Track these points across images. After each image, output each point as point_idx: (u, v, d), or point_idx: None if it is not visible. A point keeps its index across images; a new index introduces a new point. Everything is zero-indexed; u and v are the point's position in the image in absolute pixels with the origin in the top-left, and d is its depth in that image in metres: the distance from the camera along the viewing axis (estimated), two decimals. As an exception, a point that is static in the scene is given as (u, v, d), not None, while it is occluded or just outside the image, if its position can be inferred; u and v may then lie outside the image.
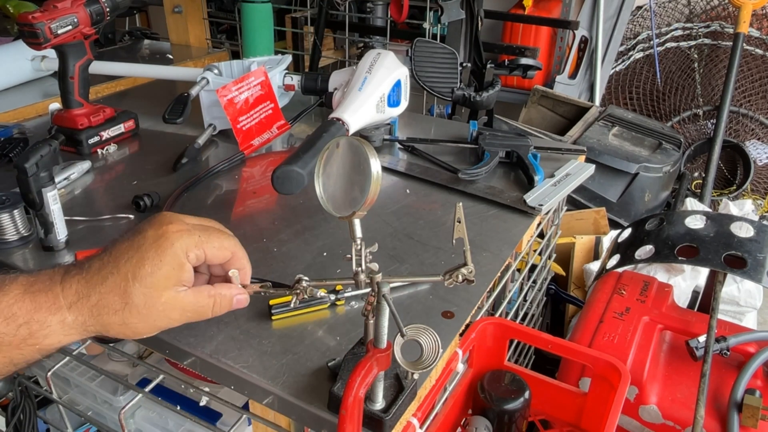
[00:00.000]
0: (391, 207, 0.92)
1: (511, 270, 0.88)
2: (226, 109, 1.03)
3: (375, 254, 0.50)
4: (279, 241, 0.82)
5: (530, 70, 1.35)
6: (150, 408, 0.86)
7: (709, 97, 2.38)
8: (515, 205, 0.91)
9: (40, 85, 1.39)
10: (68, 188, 0.95)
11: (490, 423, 0.82)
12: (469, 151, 1.10)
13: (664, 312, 1.08)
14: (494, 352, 0.87)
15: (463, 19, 1.39)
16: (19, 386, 0.93)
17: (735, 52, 2.04)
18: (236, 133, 1.05)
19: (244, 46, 1.64)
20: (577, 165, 1.03)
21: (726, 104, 2.06)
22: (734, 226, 1.00)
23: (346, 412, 0.45)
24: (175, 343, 0.64)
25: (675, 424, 0.95)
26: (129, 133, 1.13)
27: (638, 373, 0.96)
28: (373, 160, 0.46)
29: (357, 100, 1.02)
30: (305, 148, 0.86)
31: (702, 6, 2.39)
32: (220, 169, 1.00)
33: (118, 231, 0.84)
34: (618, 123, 1.94)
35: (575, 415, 0.88)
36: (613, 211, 1.80)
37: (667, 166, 1.82)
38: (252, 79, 1.08)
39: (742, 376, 0.94)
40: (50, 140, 0.73)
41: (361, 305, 0.70)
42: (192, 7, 1.75)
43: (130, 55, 1.70)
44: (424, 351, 0.49)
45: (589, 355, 0.82)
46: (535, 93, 2.12)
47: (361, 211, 0.47)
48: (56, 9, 0.95)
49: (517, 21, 2.31)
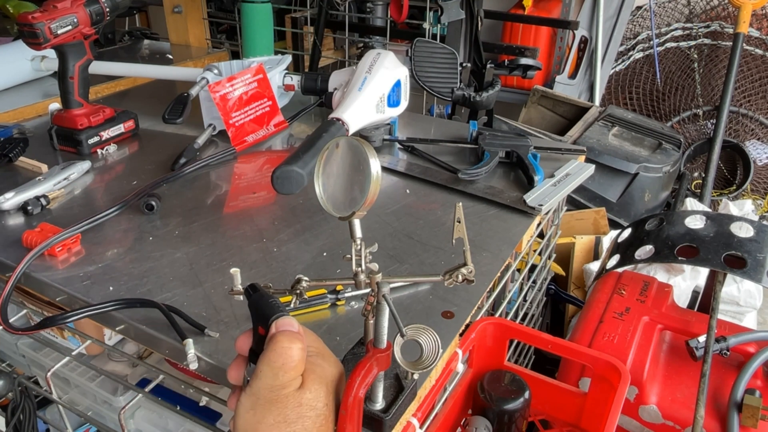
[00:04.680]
0: (391, 207, 0.92)
1: (511, 270, 0.88)
2: (218, 105, 1.03)
3: (375, 254, 0.50)
4: (279, 241, 0.82)
5: (530, 70, 1.35)
6: (150, 408, 0.86)
7: (709, 97, 2.38)
8: (515, 205, 0.91)
9: (40, 85, 1.39)
10: (68, 188, 0.95)
11: (490, 423, 0.82)
12: (469, 151, 1.10)
13: (664, 312, 1.08)
14: (494, 352, 0.87)
15: (463, 19, 1.39)
16: (19, 386, 0.93)
17: (735, 52, 2.04)
18: (228, 129, 1.05)
19: (244, 46, 1.64)
20: (577, 165, 1.03)
21: (726, 104, 2.06)
22: (734, 226, 1.00)
23: (346, 412, 0.45)
24: (175, 343, 0.64)
25: (675, 424, 0.95)
26: (129, 133, 1.13)
27: (638, 373, 0.96)
28: (373, 160, 0.46)
29: (357, 100, 1.02)
30: (305, 148, 0.86)
31: (702, 6, 2.39)
32: (208, 163, 1.02)
33: (118, 230, 0.84)
34: (618, 123, 1.94)
35: (575, 415, 0.88)
36: (613, 211, 1.80)
37: (667, 166, 1.81)
38: (248, 75, 1.08)
39: (742, 376, 0.94)
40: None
41: (361, 305, 0.70)
42: (192, 7, 1.75)
43: (130, 55, 1.70)
44: (424, 351, 0.49)
45: (589, 355, 0.82)
46: (534, 93, 2.11)
47: (361, 211, 0.47)
48: (56, 9, 0.95)
49: (517, 21, 2.31)
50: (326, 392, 0.45)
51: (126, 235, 0.83)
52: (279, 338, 0.43)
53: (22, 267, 0.73)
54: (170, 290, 0.72)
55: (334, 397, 0.46)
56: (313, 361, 0.46)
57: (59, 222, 0.82)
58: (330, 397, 0.45)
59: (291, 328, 0.44)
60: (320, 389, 0.44)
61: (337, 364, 0.48)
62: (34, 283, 0.75)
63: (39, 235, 0.78)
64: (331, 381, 0.46)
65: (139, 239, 0.82)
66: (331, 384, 0.46)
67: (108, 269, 0.76)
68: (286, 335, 0.44)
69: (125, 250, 0.80)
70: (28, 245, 0.77)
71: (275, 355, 0.43)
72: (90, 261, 0.77)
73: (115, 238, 0.83)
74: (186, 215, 0.88)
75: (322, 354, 0.47)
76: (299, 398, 0.43)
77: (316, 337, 0.49)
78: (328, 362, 0.47)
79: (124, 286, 0.73)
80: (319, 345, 0.48)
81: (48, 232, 0.78)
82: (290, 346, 0.43)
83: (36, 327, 0.70)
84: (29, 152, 1.04)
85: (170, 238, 0.82)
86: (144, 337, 0.67)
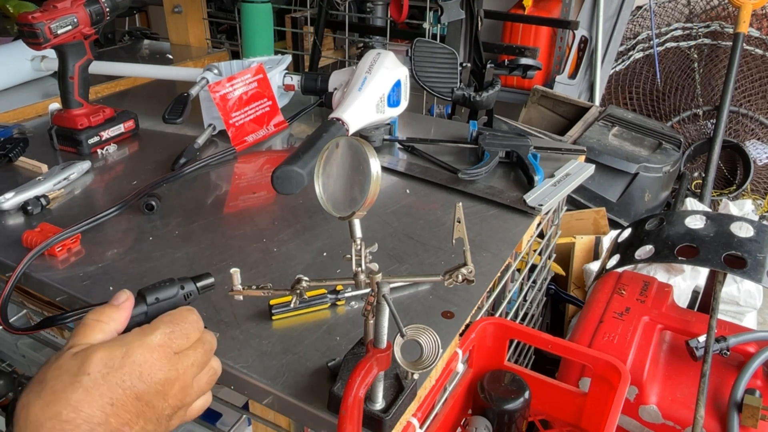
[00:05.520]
0: (391, 207, 0.92)
1: (511, 270, 0.88)
2: (218, 105, 1.03)
3: (375, 254, 0.50)
4: (279, 241, 0.82)
5: (530, 70, 1.35)
6: (150, 408, 0.85)
7: (709, 97, 2.38)
8: (515, 205, 0.91)
9: (40, 85, 1.39)
10: (68, 188, 0.95)
11: (490, 423, 0.82)
12: (469, 151, 1.10)
13: (664, 312, 1.08)
14: (494, 352, 0.87)
15: (463, 19, 1.39)
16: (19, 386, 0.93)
17: (735, 52, 2.04)
18: (228, 128, 1.05)
19: (244, 46, 1.64)
20: (577, 165, 1.03)
21: (726, 104, 2.06)
22: (734, 226, 1.00)
23: (346, 412, 0.45)
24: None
25: (675, 424, 0.95)
26: (129, 133, 1.13)
27: (638, 373, 0.96)
28: (373, 160, 0.46)
29: (357, 100, 1.02)
30: (305, 148, 0.86)
31: (702, 6, 2.39)
32: (208, 163, 1.02)
33: (118, 230, 0.84)
34: (618, 123, 1.94)
35: (575, 415, 0.88)
36: (613, 211, 1.80)
37: (667, 166, 1.81)
38: (248, 75, 1.08)
39: (742, 376, 0.94)
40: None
41: (361, 305, 0.70)
42: (192, 7, 1.74)
43: (130, 55, 1.70)
44: (424, 351, 0.49)
45: (589, 355, 0.82)
46: (535, 93, 2.12)
47: (361, 211, 0.47)
48: (56, 9, 0.95)
49: (517, 21, 2.31)
50: (98, 362, 0.43)
51: (126, 235, 0.83)
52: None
53: (22, 267, 0.73)
54: (170, 290, 0.72)
55: (113, 372, 0.43)
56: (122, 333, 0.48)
57: (59, 222, 0.82)
58: (102, 370, 0.43)
59: (113, 301, 0.49)
60: (89, 357, 0.43)
61: (131, 343, 0.45)
62: (34, 283, 0.75)
63: (39, 235, 0.78)
64: (112, 355, 0.44)
65: (139, 239, 0.82)
66: (111, 358, 0.43)
67: (108, 269, 0.76)
68: (97, 308, 0.49)
69: (125, 250, 0.80)
70: (28, 245, 0.77)
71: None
72: (90, 261, 0.77)
73: (115, 238, 0.83)
74: (186, 215, 0.88)
75: (141, 330, 0.47)
76: (61, 361, 0.44)
77: (181, 317, 0.49)
78: (133, 338, 0.46)
79: (124, 286, 0.72)
80: (161, 322, 0.48)
81: (48, 232, 0.78)
82: (88, 315, 0.48)
83: (36, 327, 0.70)
84: (29, 152, 1.04)
85: (170, 238, 0.82)
86: (144, 337, 0.67)
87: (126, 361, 0.44)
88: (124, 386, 0.43)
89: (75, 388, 0.42)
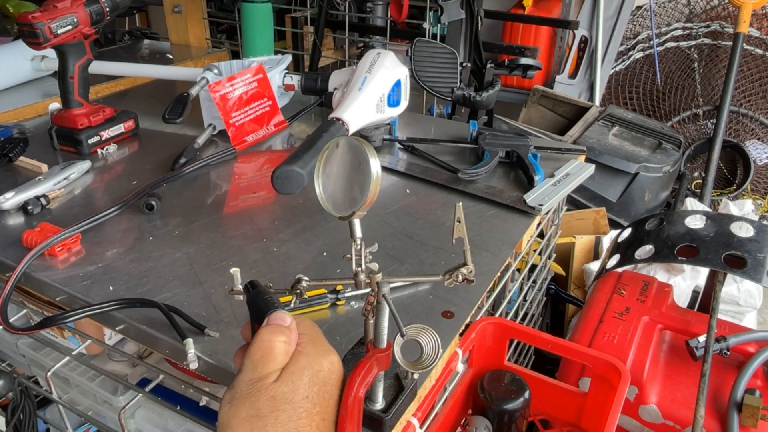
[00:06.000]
0: (391, 207, 0.92)
1: (511, 270, 0.88)
2: (218, 105, 1.03)
3: (375, 254, 0.50)
4: (279, 241, 0.82)
5: (530, 70, 1.35)
6: (150, 408, 0.86)
7: (709, 97, 2.38)
8: (515, 204, 0.91)
9: (40, 85, 1.39)
10: (68, 188, 0.95)
11: (490, 423, 0.82)
12: (469, 151, 1.10)
13: (664, 312, 1.08)
14: (494, 352, 0.87)
15: (463, 19, 1.39)
16: (19, 386, 0.93)
17: (735, 52, 2.04)
18: (228, 128, 1.05)
19: (244, 46, 1.64)
20: (577, 165, 1.03)
21: (726, 104, 2.06)
22: (734, 226, 1.00)
23: (346, 412, 0.45)
24: (175, 342, 0.64)
25: (675, 424, 0.95)
26: (129, 133, 1.13)
27: (638, 373, 0.96)
28: (373, 160, 0.46)
29: (357, 100, 1.02)
30: (305, 148, 0.86)
31: (702, 6, 2.39)
32: (208, 163, 1.02)
33: (118, 230, 0.84)
34: (618, 123, 1.94)
35: (575, 415, 0.88)
36: (613, 211, 1.80)
37: (667, 166, 1.81)
38: (248, 75, 1.08)
39: (742, 376, 0.94)
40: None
41: (361, 305, 0.70)
42: (192, 6, 1.74)
43: (130, 55, 1.70)
44: (424, 351, 0.49)
45: (589, 355, 0.82)
46: (535, 93, 2.11)
47: (361, 211, 0.47)
48: (56, 9, 0.95)
49: (517, 21, 2.31)
50: (308, 383, 0.42)
51: (126, 235, 0.83)
52: (262, 332, 0.43)
53: (22, 267, 0.73)
54: (170, 290, 0.72)
55: (321, 388, 0.43)
56: (300, 350, 0.44)
57: (59, 222, 0.82)
58: (313, 389, 0.42)
59: (281, 322, 0.44)
60: (299, 381, 0.42)
61: (329, 354, 0.45)
62: (34, 283, 0.75)
63: (39, 235, 0.78)
64: (317, 371, 0.43)
65: (139, 239, 0.82)
66: (317, 375, 0.43)
67: (108, 269, 0.76)
68: (269, 329, 0.43)
69: (125, 250, 0.80)
70: (28, 245, 0.77)
71: (255, 348, 0.42)
72: (90, 261, 0.77)
73: (115, 238, 0.83)
74: (186, 215, 0.88)
75: (314, 342, 0.45)
76: (273, 391, 0.41)
77: (311, 325, 0.47)
78: (318, 351, 0.45)
79: (124, 285, 0.73)
80: (313, 332, 0.47)
81: (48, 232, 0.78)
82: (271, 339, 0.43)
83: (36, 327, 0.70)
84: (29, 152, 1.04)
85: (170, 238, 0.82)
86: (144, 336, 0.67)
87: (322, 375, 0.44)
88: (331, 397, 0.44)
89: (299, 415, 0.41)
